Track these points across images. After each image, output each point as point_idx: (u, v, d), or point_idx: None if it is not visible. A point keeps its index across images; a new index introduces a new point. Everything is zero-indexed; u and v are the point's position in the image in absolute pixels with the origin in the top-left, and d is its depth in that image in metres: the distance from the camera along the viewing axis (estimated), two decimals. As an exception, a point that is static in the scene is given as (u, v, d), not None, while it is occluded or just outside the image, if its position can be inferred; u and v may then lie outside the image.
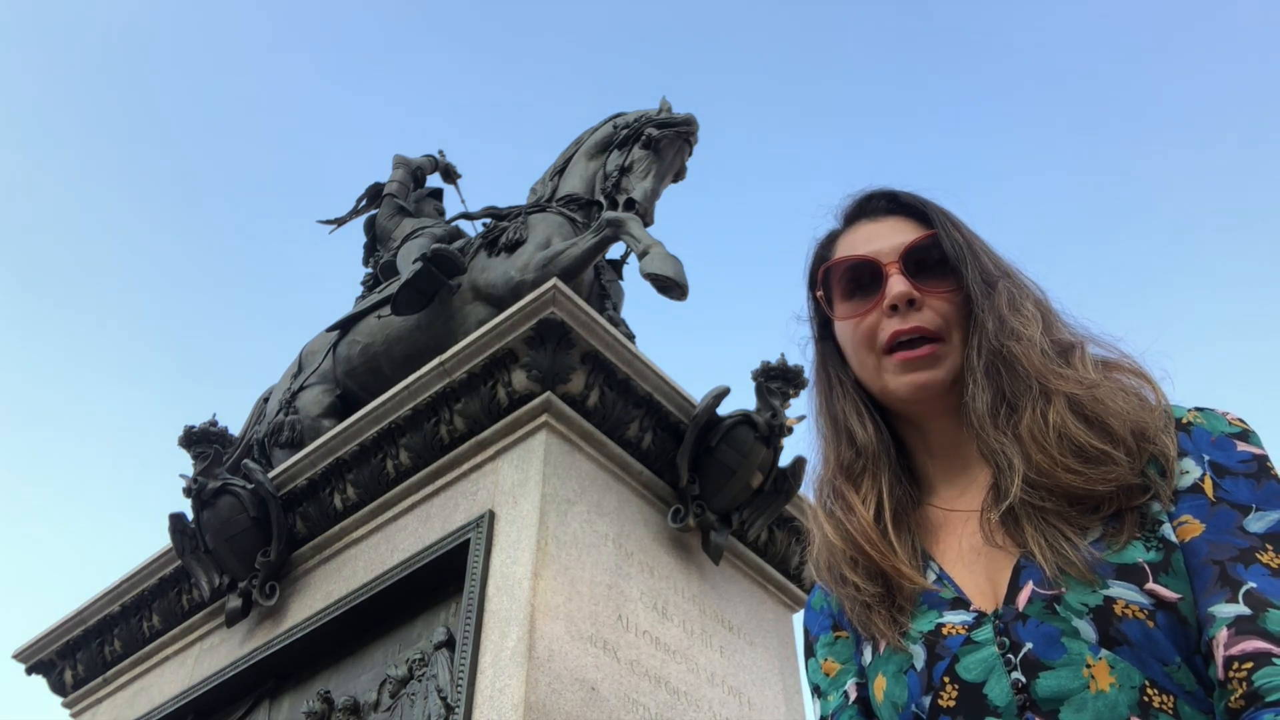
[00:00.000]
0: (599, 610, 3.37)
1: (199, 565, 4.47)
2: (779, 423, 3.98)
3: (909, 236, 1.16)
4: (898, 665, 1.04)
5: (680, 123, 5.53)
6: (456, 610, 3.52)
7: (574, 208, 5.38)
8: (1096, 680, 0.90)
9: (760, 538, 4.31)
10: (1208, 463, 0.99)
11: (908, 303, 1.12)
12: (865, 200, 1.26)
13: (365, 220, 7.12)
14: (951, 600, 1.04)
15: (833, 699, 1.16)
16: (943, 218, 1.18)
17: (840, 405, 1.20)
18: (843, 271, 1.19)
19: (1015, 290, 1.13)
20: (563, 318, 3.81)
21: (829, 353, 1.25)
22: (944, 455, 1.16)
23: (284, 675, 4.12)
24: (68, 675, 5.16)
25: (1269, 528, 0.94)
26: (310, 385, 5.57)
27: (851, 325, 1.17)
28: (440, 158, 7.60)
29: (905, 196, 1.22)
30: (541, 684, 2.98)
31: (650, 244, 4.58)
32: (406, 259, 5.70)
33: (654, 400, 4.02)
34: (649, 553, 3.79)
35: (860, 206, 1.26)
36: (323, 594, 4.10)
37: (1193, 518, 0.96)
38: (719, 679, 3.68)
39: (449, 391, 4.02)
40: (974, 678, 0.97)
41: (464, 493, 3.86)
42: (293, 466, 4.44)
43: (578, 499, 3.63)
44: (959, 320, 1.13)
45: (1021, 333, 1.08)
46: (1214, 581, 0.92)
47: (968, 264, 1.13)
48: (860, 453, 1.17)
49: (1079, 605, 0.94)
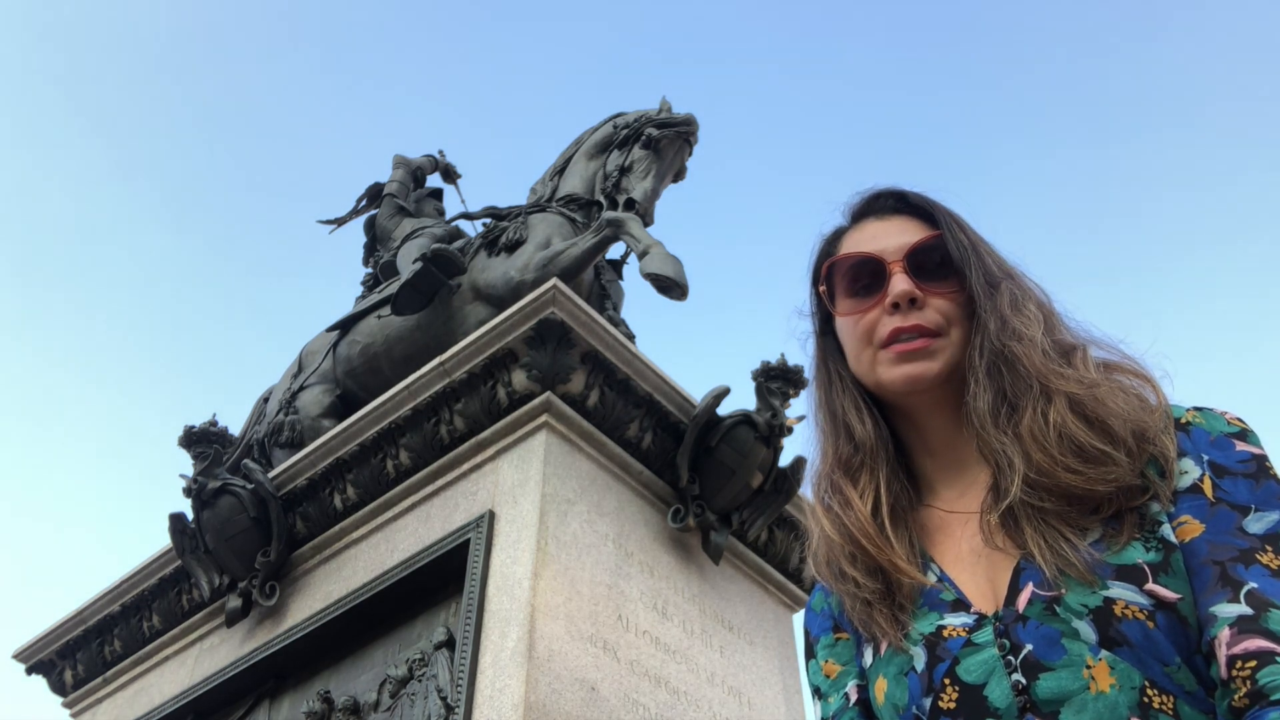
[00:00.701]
0: (599, 610, 3.37)
1: (199, 565, 4.47)
2: (779, 423, 3.98)
3: (915, 236, 1.17)
4: (898, 667, 1.05)
5: (680, 123, 5.53)
6: (456, 610, 3.52)
7: (574, 208, 5.38)
8: (1097, 681, 0.90)
9: (760, 538, 4.31)
10: (1207, 463, 0.99)
11: (909, 301, 1.12)
12: (873, 198, 1.26)
13: (365, 220, 7.12)
14: (952, 602, 1.04)
15: (833, 701, 1.16)
16: (949, 219, 1.18)
17: (839, 400, 1.21)
18: (847, 268, 1.19)
19: (1018, 291, 1.13)
20: (563, 318, 3.81)
21: (830, 348, 1.26)
22: (942, 455, 1.17)
23: (284, 675, 4.12)
24: (68, 675, 5.16)
25: (1268, 528, 0.94)
26: (310, 385, 5.57)
27: (852, 321, 1.17)
28: (440, 158, 7.60)
29: (913, 197, 1.23)
30: (541, 684, 2.98)
31: (650, 244, 4.58)
32: (406, 259, 5.70)
33: (654, 400, 4.02)
34: (649, 553, 3.79)
35: (868, 204, 1.26)
36: (323, 594, 4.10)
37: (1192, 518, 0.96)
38: (719, 679, 3.68)
39: (449, 391, 4.02)
40: (975, 680, 0.97)
41: (464, 493, 3.86)
42: (293, 466, 4.44)
43: (578, 499, 3.63)
44: (960, 320, 1.13)
45: (1024, 333, 1.08)
46: (1214, 582, 0.92)
47: (971, 265, 1.13)
48: (858, 448, 1.17)
49: (1079, 606, 0.94)
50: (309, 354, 5.89)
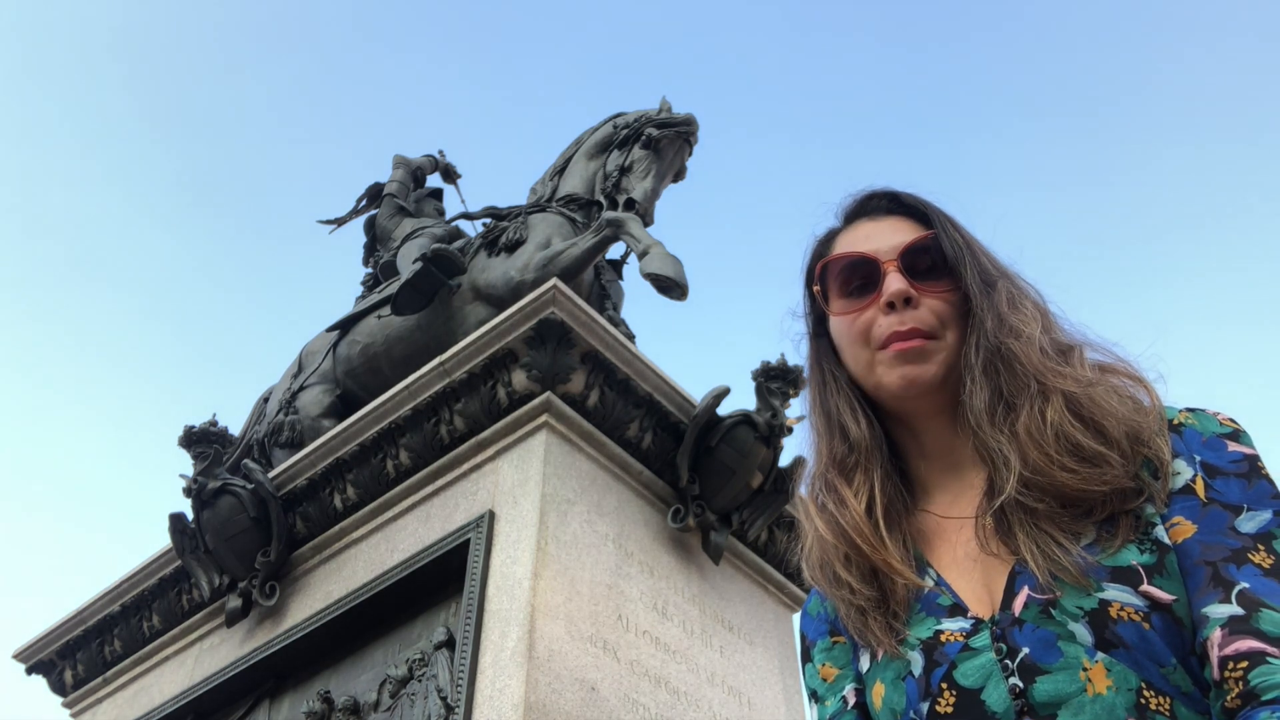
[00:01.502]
0: (599, 610, 3.37)
1: (199, 565, 4.47)
2: (779, 423, 3.98)
3: (908, 236, 1.16)
4: (895, 672, 1.05)
5: (680, 123, 5.53)
6: (456, 610, 3.52)
7: (574, 208, 5.38)
8: (1094, 683, 0.90)
9: (760, 538, 4.31)
10: (1199, 463, 0.99)
11: (904, 301, 1.12)
12: (866, 199, 1.26)
13: (365, 220, 7.13)
14: (949, 607, 1.04)
15: (830, 704, 1.16)
16: (943, 219, 1.18)
17: (834, 401, 1.20)
18: (840, 268, 1.19)
19: (1014, 290, 1.13)
20: (563, 318, 3.81)
21: (824, 349, 1.25)
22: (937, 458, 1.16)
23: (284, 675, 4.12)
24: (68, 675, 5.17)
25: (1260, 528, 0.94)
26: (310, 385, 5.57)
27: (847, 321, 1.17)
28: (440, 158, 7.60)
29: (906, 197, 1.22)
30: (541, 684, 2.98)
31: (650, 244, 4.58)
32: (406, 259, 5.70)
33: (654, 400, 4.02)
34: (649, 553, 3.79)
35: (861, 205, 1.26)
36: (323, 594, 4.11)
37: (1185, 519, 0.96)
38: (719, 679, 3.68)
39: (449, 391, 4.02)
40: (972, 684, 0.97)
41: (464, 493, 3.86)
42: (293, 466, 4.44)
43: (578, 499, 3.63)
44: (955, 320, 1.13)
45: (1021, 330, 1.08)
46: (1207, 582, 0.92)
47: (966, 264, 1.13)
48: (853, 448, 1.16)
49: (1074, 609, 0.94)
50: (309, 354, 5.89)
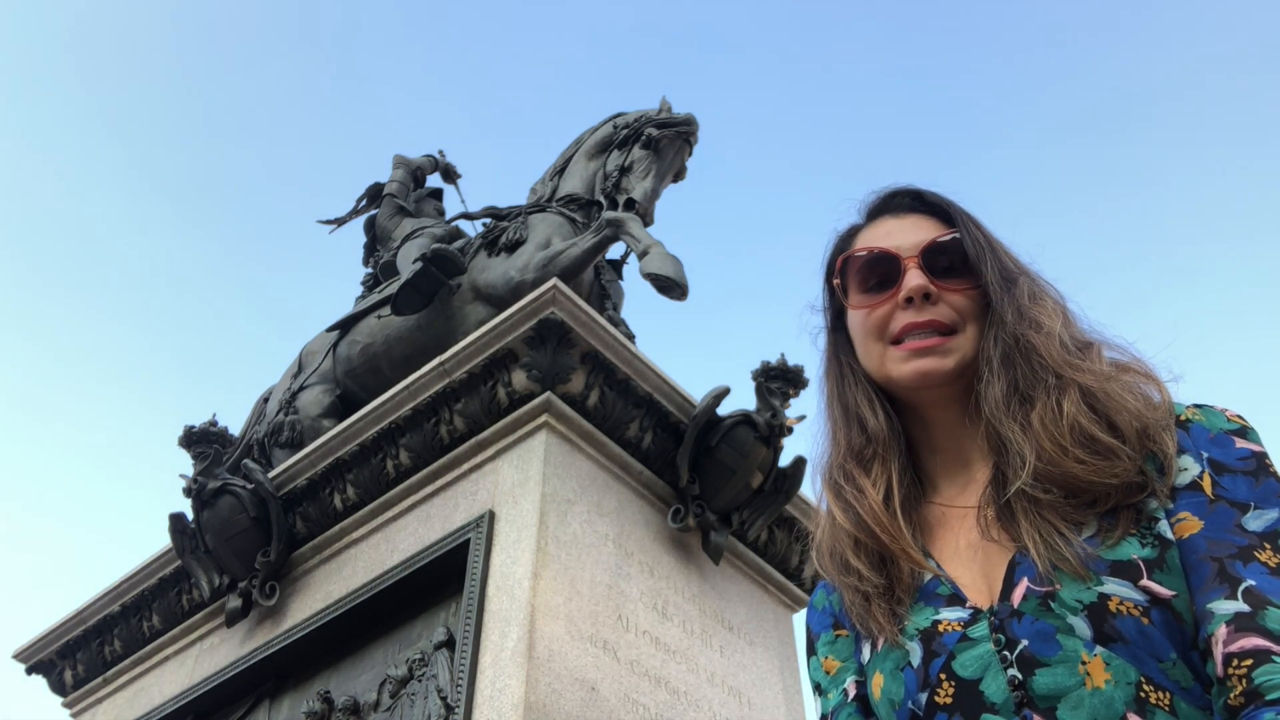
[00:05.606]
0: (599, 610, 3.37)
1: (199, 565, 4.47)
2: (779, 423, 3.98)
3: (930, 234, 1.17)
4: (894, 662, 1.05)
5: (680, 122, 5.53)
6: (456, 610, 3.52)
7: (574, 208, 5.38)
8: (1092, 677, 0.90)
9: (760, 538, 4.31)
10: (1206, 460, 0.99)
11: (924, 297, 1.13)
12: (890, 196, 1.27)
13: (365, 220, 7.13)
14: (948, 597, 1.04)
15: (832, 697, 1.17)
16: (965, 218, 1.19)
17: (852, 394, 1.21)
18: (861, 263, 1.20)
19: (1035, 287, 1.14)
20: (563, 318, 3.81)
21: (841, 343, 1.26)
22: (946, 451, 1.17)
23: (284, 675, 4.12)
24: (68, 675, 5.16)
25: (1267, 526, 0.94)
26: (310, 385, 5.57)
27: (863, 315, 1.18)
28: (440, 158, 7.60)
29: (930, 195, 1.23)
30: (541, 684, 2.98)
31: (650, 244, 4.58)
32: (406, 259, 5.70)
33: (654, 400, 4.02)
34: (649, 553, 3.79)
35: (884, 202, 1.27)
36: (323, 594, 4.10)
37: (1191, 515, 0.96)
38: (719, 679, 3.68)
39: (449, 391, 4.02)
40: (970, 675, 0.97)
41: (464, 493, 3.86)
42: (293, 466, 4.44)
43: (578, 499, 3.63)
44: (974, 318, 1.14)
45: (1042, 323, 1.09)
46: (1212, 578, 0.92)
47: (987, 261, 1.14)
48: (871, 439, 1.17)
49: (1073, 602, 0.94)
50: (309, 354, 5.89)
